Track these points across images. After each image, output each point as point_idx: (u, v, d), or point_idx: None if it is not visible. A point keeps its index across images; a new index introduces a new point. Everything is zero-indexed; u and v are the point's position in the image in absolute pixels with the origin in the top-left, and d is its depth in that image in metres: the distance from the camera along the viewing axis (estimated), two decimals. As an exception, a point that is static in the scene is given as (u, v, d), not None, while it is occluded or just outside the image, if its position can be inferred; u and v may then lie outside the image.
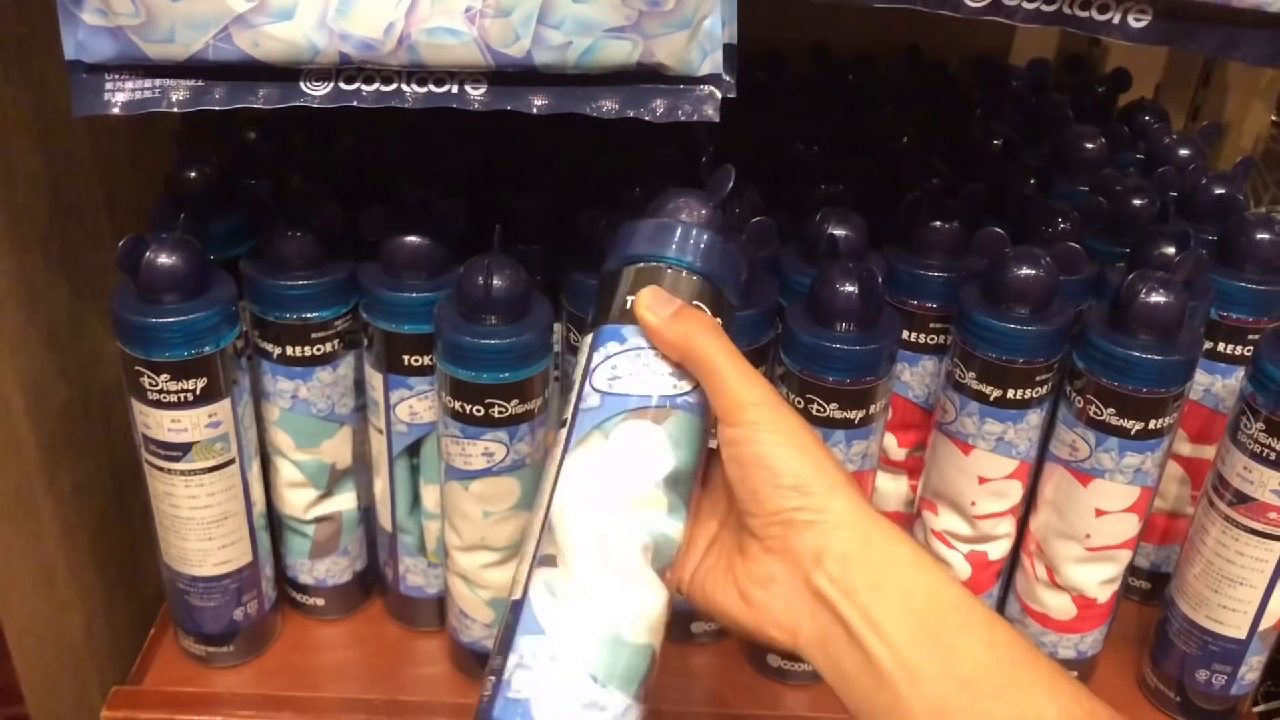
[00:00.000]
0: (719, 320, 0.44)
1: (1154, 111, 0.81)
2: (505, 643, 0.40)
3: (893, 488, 0.68)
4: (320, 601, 0.68)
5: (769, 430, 0.40)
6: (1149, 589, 0.71)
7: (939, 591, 0.39)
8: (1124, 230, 0.64)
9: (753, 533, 0.42)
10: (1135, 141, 0.77)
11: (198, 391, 0.55)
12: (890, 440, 0.66)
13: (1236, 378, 0.63)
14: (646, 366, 0.43)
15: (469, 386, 0.54)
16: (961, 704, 0.37)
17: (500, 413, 0.54)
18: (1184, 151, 0.73)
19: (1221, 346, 0.63)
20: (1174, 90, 0.94)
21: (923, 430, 0.65)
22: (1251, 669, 0.62)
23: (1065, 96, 0.82)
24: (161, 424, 0.56)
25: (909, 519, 0.68)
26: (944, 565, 0.41)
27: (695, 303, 0.43)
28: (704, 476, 0.44)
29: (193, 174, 0.62)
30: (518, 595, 0.41)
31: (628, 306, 0.43)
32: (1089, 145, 0.72)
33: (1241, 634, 0.60)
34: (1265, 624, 0.60)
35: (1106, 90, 0.85)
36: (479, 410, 0.54)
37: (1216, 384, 0.64)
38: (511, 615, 0.40)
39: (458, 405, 0.55)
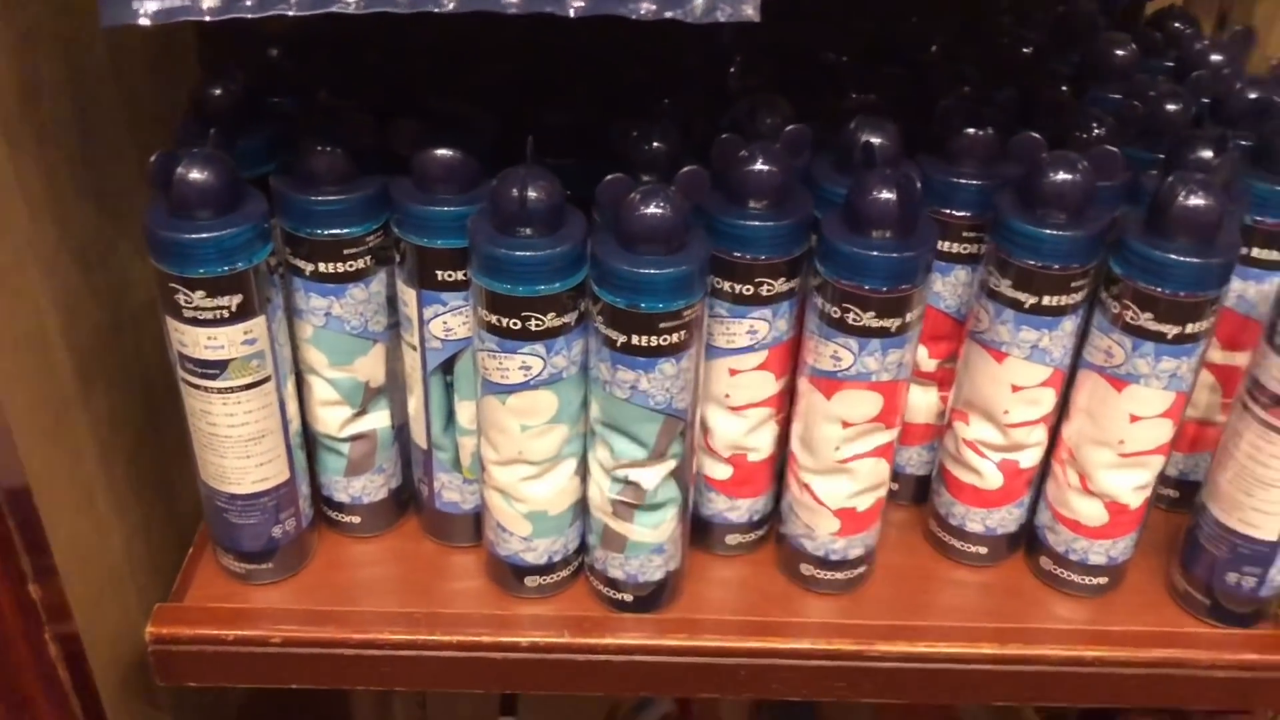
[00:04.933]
0: None
1: (1184, 18, 0.80)
2: None
3: (923, 399, 0.68)
4: (356, 519, 0.68)
5: None
6: (1177, 497, 0.72)
7: None
8: (1159, 136, 0.64)
9: None
10: (1166, 49, 0.76)
11: (233, 308, 0.55)
12: (921, 352, 0.66)
13: (1270, 283, 0.62)
14: None
15: (505, 300, 0.54)
16: None
17: (537, 326, 0.54)
18: (1216, 57, 0.72)
19: (1256, 252, 0.62)
20: (1201, -2, 0.93)
21: (954, 341, 0.65)
22: (1281, 571, 0.62)
23: (1094, 3, 0.81)
24: (198, 341, 0.56)
25: (939, 430, 0.68)
26: None
27: None
28: None
29: (219, 91, 0.61)
30: None
31: None
32: (1120, 52, 0.71)
33: (1272, 536, 0.61)
34: (1296, 526, 0.60)
35: (1135, -3, 0.83)
36: (515, 324, 0.54)
37: (1250, 289, 0.63)
38: None
39: (494, 319, 0.55)
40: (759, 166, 0.56)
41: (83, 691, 0.60)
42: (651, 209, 0.52)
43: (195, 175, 0.53)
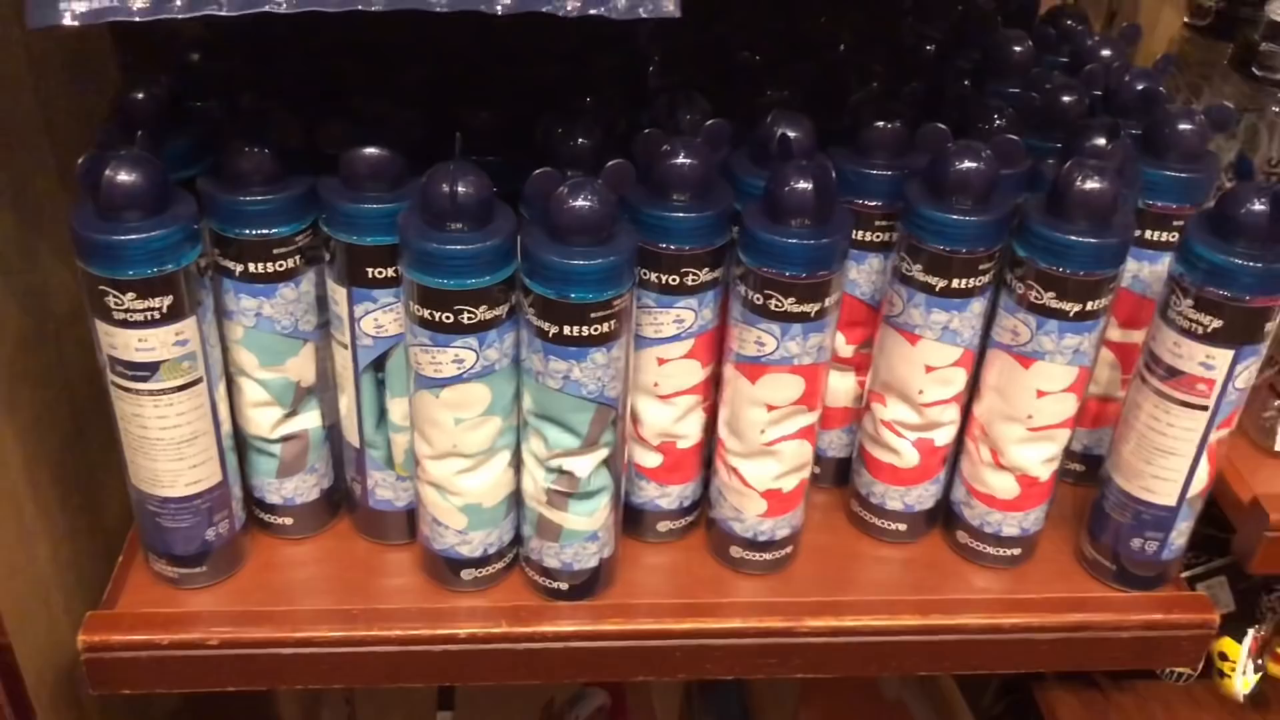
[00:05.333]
0: None
1: (1075, 16, 0.84)
2: None
3: (842, 384, 0.71)
4: (289, 521, 0.69)
5: None
6: (1083, 471, 0.75)
7: None
8: (1055, 126, 0.67)
9: None
10: (1060, 44, 0.80)
11: (164, 310, 0.55)
12: (839, 338, 0.68)
13: (1162, 264, 0.66)
14: None
15: (437, 294, 0.55)
16: None
17: (469, 319, 0.55)
18: (1106, 52, 0.76)
19: (1148, 234, 0.66)
20: (1089, -1, 0.97)
21: (869, 327, 0.68)
22: (1180, 534, 0.66)
23: (991, 2, 0.84)
24: (129, 344, 0.56)
25: (858, 414, 0.71)
26: None
27: None
28: None
29: (141, 94, 0.61)
30: None
31: None
32: (1018, 48, 0.74)
33: (1172, 501, 0.64)
34: (1192, 491, 0.64)
35: (1028, -3, 0.87)
36: (448, 317, 0.55)
37: (1144, 270, 0.67)
38: None
39: (426, 313, 0.55)
40: (681, 160, 0.58)
41: (17, 703, 0.60)
42: (580, 201, 0.54)
43: (125, 177, 0.53)
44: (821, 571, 0.69)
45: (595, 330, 0.55)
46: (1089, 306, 0.59)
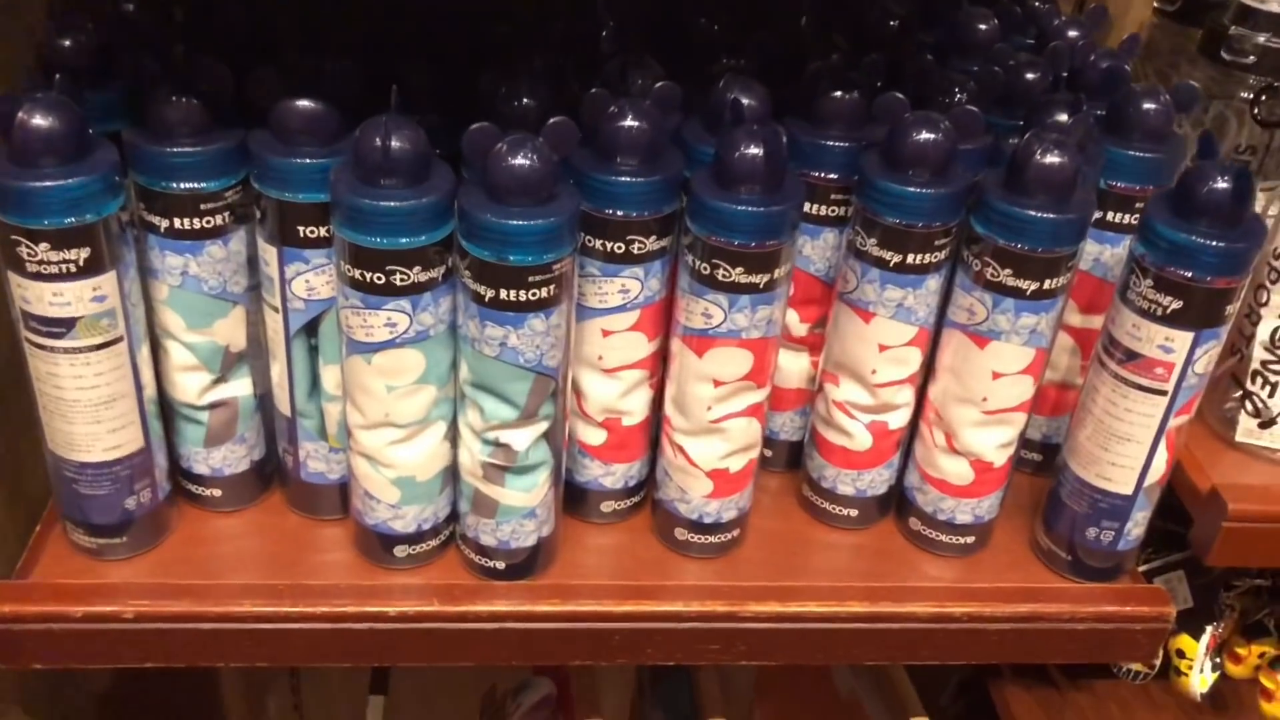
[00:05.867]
0: None
1: (1043, -2, 0.82)
2: None
3: (795, 364, 0.69)
4: (217, 492, 0.66)
5: None
6: (1041, 460, 0.74)
7: None
8: (1018, 103, 0.65)
9: None
10: (1026, 25, 0.78)
11: (80, 263, 0.53)
12: (792, 316, 0.66)
13: (1124, 247, 0.64)
14: None
15: (369, 253, 0.52)
16: None
17: (402, 280, 0.53)
18: (1073, 33, 0.74)
19: (1110, 215, 0.64)
20: (1060, -14, 0.95)
21: (824, 305, 0.66)
22: (1137, 524, 0.64)
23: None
24: (42, 297, 0.53)
25: (811, 396, 0.69)
26: None
27: None
28: None
29: (68, 42, 0.58)
30: None
31: None
32: (982, 26, 0.72)
33: (1128, 490, 0.62)
34: (1150, 479, 0.62)
35: (997, -21, 0.85)
36: (380, 278, 0.53)
37: (1105, 253, 0.66)
38: None
39: (357, 274, 0.53)
40: (629, 122, 0.56)
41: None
42: (519, 159, 0.52)
43: (39, 120, 0.51)
44: (769, 556, 0.67)
45: (533, 295, 0.53)
46: (1046, 285, 0.57)
